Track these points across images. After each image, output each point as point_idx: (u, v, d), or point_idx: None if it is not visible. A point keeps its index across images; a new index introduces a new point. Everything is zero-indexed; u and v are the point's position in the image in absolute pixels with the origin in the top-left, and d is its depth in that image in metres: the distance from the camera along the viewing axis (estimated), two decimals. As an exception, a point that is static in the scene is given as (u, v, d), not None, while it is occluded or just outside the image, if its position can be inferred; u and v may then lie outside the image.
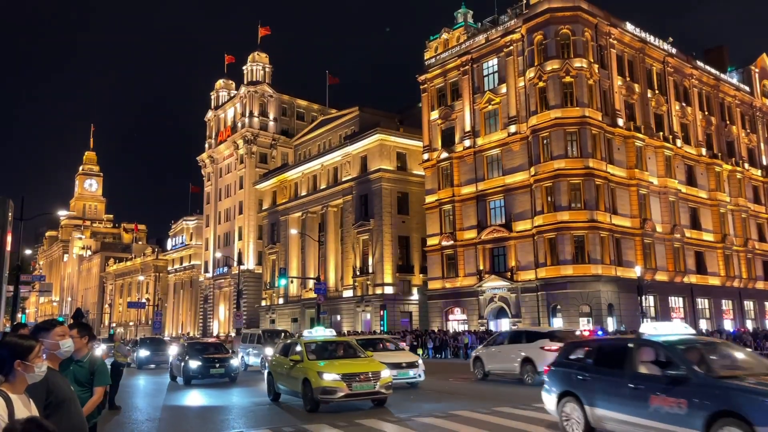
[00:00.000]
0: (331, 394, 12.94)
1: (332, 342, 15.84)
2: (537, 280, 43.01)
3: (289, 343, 16.18)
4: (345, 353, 14.98)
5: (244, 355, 29.00)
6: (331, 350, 15.26)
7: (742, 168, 56.00)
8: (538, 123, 43.54)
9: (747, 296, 53.32)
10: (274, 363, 16.01)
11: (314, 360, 14.05)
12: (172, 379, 23.88)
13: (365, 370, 13.42)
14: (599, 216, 41.78)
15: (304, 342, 14.99)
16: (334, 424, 11.47)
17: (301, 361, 14.02)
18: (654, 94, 49.64)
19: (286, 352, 15.40)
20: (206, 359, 22.29)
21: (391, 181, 57.05)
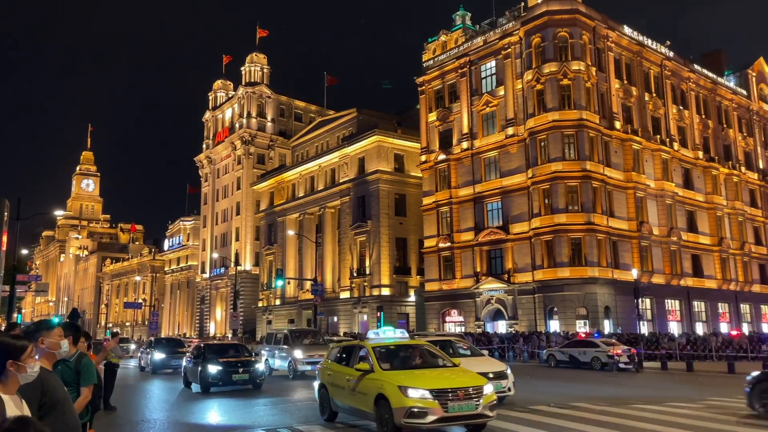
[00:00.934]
0: (419, 418, 9.47)
1: (406, 346, 12.17)
2: (534, 282, 43.00)
3: (349, 346, 12.71)
4: (424, 361, 11.50)
5: (268, 358, 24.71)
6: (406, 357, 11.70)
7: (738, 171, 56.13)
8: (536, 125, 43.57)
9: (743, 299, 53.42)
10: (329, 373, 12.39)
11: (389, 370, 10.71)
12: (186, 385, 20.77)
13: (463, 384, 9.91)
14: (596, 218, 41.81)
15: (371, 346, 11.42)
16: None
17: (370, 372, 10.66)
18: (651, 97, 49.73)
19: (346, 359, 12.15)
20: (227, 363, 19.21)
21: (388, 182, 57.03)
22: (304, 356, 23.15)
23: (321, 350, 22.41)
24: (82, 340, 7.19)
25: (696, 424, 11.01)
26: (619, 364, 25.68)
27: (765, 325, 54.51)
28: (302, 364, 22.96)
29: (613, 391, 17.64)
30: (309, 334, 26.96)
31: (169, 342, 32.29)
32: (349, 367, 11.57)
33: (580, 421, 11.25)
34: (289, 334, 25.32)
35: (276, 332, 27.41)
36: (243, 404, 15.77)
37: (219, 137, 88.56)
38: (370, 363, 10.87)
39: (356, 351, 11.90)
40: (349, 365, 11.64)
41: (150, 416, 14.45)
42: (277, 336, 26.51)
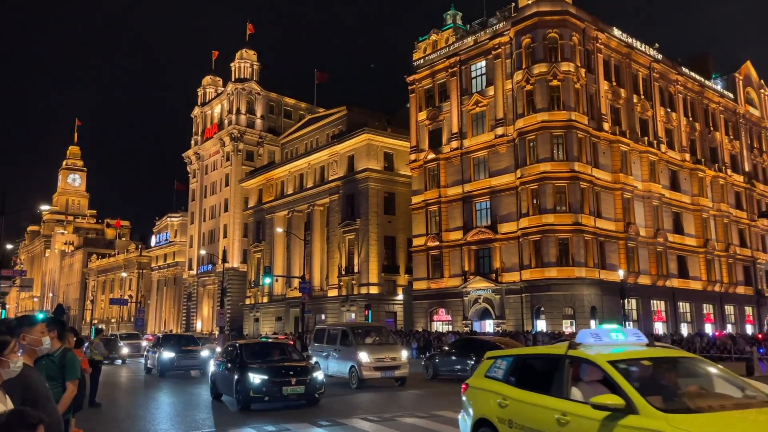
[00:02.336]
0: None
1: (674, 361, 6.57)
2: (521, 281, 43.20)
3: (539, 356, 7.70)
4: (713, 392, 6.16)
5: (318, 361, 18.17)
6: (680, 383, 6.16)
7: (724, 174, 56.72)
8: (525, 126, 43.74)
9: (728, 301, 54.02)
10: (504, 402, 6.93)
11: (668, 411, 5.26)
12: (214, 397, 16.15)
13: None
14: (584, 219, 42.08)
15: (606, 359, 6.06)
16: None
17: (626, 412, 5.38)
18: (639, 99, 50.10)
19: (539, 381, 6.70)
20: (275, 370, 14.38)
21: (378, 181, 57.03)
22: (372, 360, 18.60)
23: (391, 352, 19.21)
24: (71, 336, 7.13)
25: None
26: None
27: (749, 326, 55.14)
28: (370, 370, 18.44)
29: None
30: (372, 331, 21.11)
31: (180, 339, 27.81)
32: (557, 398, 6.27)
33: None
34: (349, 331, 19.98)
35: (329, 328, 21.96)
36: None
37: (208, 133, 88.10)
38: (624, 395, 5.53)
39: (564, 367, 6.45)
40: (553, 393, 6.35)
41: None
42: (331, 332, 21.06)
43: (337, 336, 20.21)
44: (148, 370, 26.08)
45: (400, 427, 11.24)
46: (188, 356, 24.50)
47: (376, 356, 18.73)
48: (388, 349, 19.37)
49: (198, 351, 24.89)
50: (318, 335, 22.18)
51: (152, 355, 25.60)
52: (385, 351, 19.12)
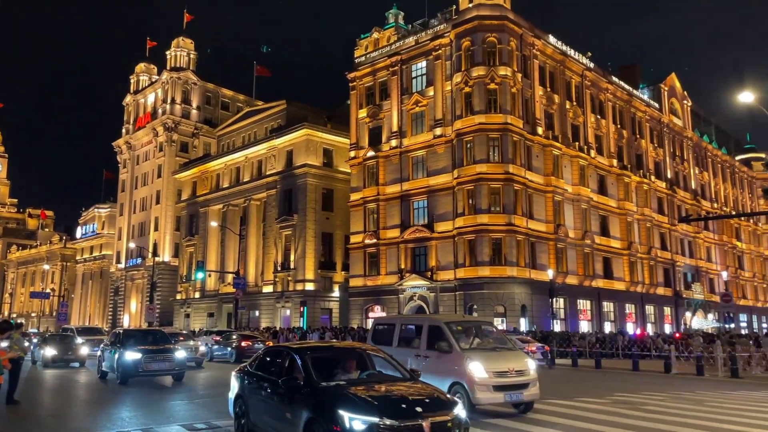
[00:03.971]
0: None
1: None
2: (456, 280, 43.96)
3: None
4: None
5: None
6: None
7: (648, 180, 59.56)
8: (463, 127, 44.49)
9: (648, 301, 56.79)
10: None
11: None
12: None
13: None
14: (516, 220, 43.23)
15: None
16: None
17: None
18: (572, 105, 51.91)
19: None
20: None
21: (316, 177, 56.69)
22: (490, 374, 11.53)
23: (515, 361, 12.05)
24: None
25: (602, 418, 11.62)
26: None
27: (667, 326, 58.18)
28: (487, 390, 11.46)
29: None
30: (474, 329, 13.29)
31: (147, 336, 20.67)
32: None
33: (494, 416, 11.61)
34: (445, 328, 12.42)
35: (402, 322, 14.47)
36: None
37: (140, 122, 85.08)
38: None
39: None
40: None
41: None
42: (406, 329, 13.95)
43: (422, 335, 12.94)
44: (103, 375, 20.02)
45: None
46: (159, 358, 18.19)
47: (496, 368, 11.65)
48: (509, 356, 12.25)
49: (172, 351, 18.65)
50: (380, 334, 14.45)
51: (109, 356, 19.29)
52: (506, 359, 12.03)
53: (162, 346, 19.10)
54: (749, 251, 77.71)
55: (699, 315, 62.27)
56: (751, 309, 74.30)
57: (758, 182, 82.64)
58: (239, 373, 9.94)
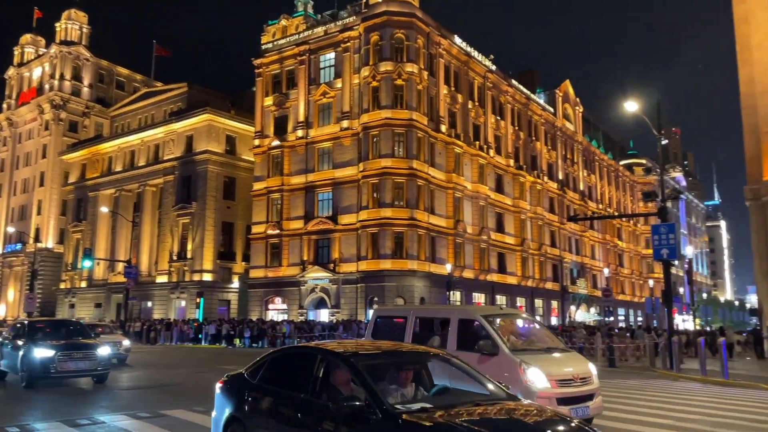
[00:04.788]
0: None
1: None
2: (358, 272, 44.34)
3: None
4: None
5: None
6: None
7: (542, 180, 62.85)
8: (370, 121, 44.84)
9: (538, 295, 60.03)
10: None
11: None
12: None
13: None
14: (418, 215, 44.21)
15: None
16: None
17: None
18: (474, 105, 53.69)
19: None
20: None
21: (218, 164, 55.06)
22: (552, 382, 8.86)
23: (577, 364, 9.54)
24: None
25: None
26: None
27: (554, 318, 61.83)
28: (551, 405, 8.01)
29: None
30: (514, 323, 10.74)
31: (60, 327, 17.22)
32: None
33: None
34: (484, 322, 9.71)
35: (418, 313, 11.63)
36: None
37: (24, 98, 78.70)
38: None
39: None
40: None
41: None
42: (420, 322, 11.23)
43: (449, 332, 10.13)
44: (2, 375, 16.29)
45: None
46: (77, 356, 14.77)
47: (559, 375, 8.96)
48: (568, 359, 9.69)
49: (93, 347, 15.16)
50: (383, 329, 11.38)
51: (9, 353, 15.61)
52: (566, 363, 9.46)
53: (80, 340, 15.54)
54: (629, 250, 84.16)
55: (583, 308, 66.66)
56: (628, 303, 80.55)
57: (639, 186, 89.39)
58: (231, 384, 6.91)
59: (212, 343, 39.51)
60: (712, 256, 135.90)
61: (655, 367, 23.69)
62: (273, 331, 38.15)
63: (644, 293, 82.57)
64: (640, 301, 77.46)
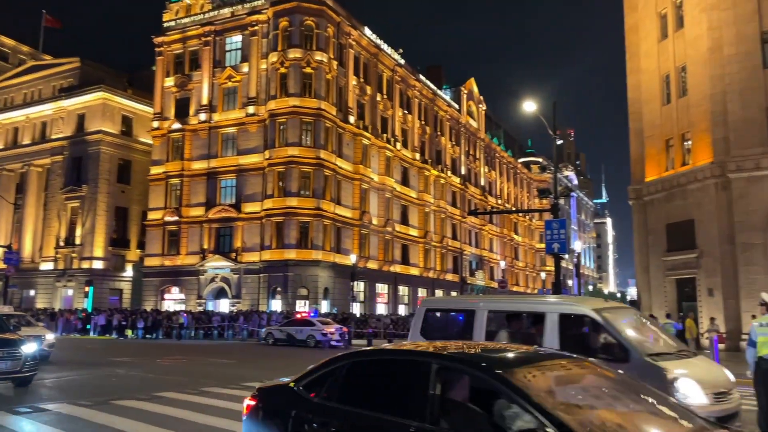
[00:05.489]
0: None
1: None
2: (261, 262, 43.60)
3: None
4: None
5: None
6: None
7: (445, 175, 64.48)
8: (277, 108, 44.05)
9: (438, 286, 61.64)
10: None
11: None
12: None
13: None
14: (325, 205, 44.04)
15: None
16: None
17: None
18: (382, 98, 54.08)
19: None
20: None
21: (112, 145, 52.06)
22: (711, 397, 6.67)
23: (719, 373, 7.50)
24: None
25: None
26: (331, 342, 27.52)
27: (453, 308, 63.69)
28: None
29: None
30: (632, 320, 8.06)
31: None
32: None
33: None
34: (599, 318, 7.43)
35: (488, 304, 8.66)
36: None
37: None
38: None
39: None
40: None
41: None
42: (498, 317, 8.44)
43: (545, 332, 7.72)
44: None
45: None
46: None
47: (713, 385, 6.96)
48: (707, 366, 7.75)
49: (17, 344, 12.37)
50: (437, 325, 9.34)
51: None
52: (711, 369, 7.65)
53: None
54: (524, 244, 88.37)
55: (480, 299, 69.19)
56: (522, 295, 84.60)
57: (535, 183, 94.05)
58: (273, 403, 4.86)
59: (101, 334, 37.43)
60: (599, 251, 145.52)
61: (544, 354, 24.96)
62: (169, 322, 36.72)
63: (537, 285, 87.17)
64: (533, 292, 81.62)
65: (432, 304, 10.41)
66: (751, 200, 24.86)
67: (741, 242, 24.92)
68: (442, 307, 10.00)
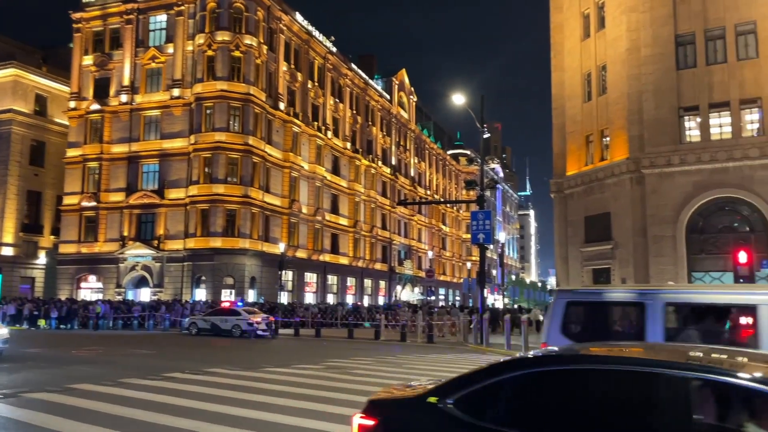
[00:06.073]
0: None
1: None
2: (185, 250, 42.50)
3: None
4: None
5: None
6: None
7: (376, 165, 64.71)
8: (204, 92, 42.83)
9: (367, 275, 62.05)
10: None
11: None
12: None
13: None
14: (253, 192, 43.28)
15: None
16: None
17: None
18: (314, 85, 53.53)
19: None
20: None
21: (24, 125, 48.97)
22: None
23: None
24: None
25: (313, 382, 12.38)
26: (257, 332, 27.18)
27: (381, 297, 64.36)
28: None
29: (249, 356, 18.58)
30: None
31: None
32: None
33: (213, 386, 11.52)
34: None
35: (673, 295, 7.24)
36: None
37: None
38: None
39: None
40: None
41: None
42: (687, 309, 7.05)
43: (756, 326, 6.21)
44: None
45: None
46: None
47: None
48: None
49: None
50: (586, 320, 8.01)
51: None
52: None
53: None
54: (451, 234, 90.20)
55: (408, 288, 70.22)
56: (448, 284, 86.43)
57: (463, 175, 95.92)
58: (410, 427, 3.56)
59: (11, 324, 35.27)
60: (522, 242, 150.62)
61: (467, 342, 25.71)
62: (85, 312, 35.12)
63: (463, 274, 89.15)
64: (459, 281, 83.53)
65: (575, 296, 8.47)
66: (663, 195, 26.40)
67: (652, 235, 26.44)
68: (592, 300, 8.10)
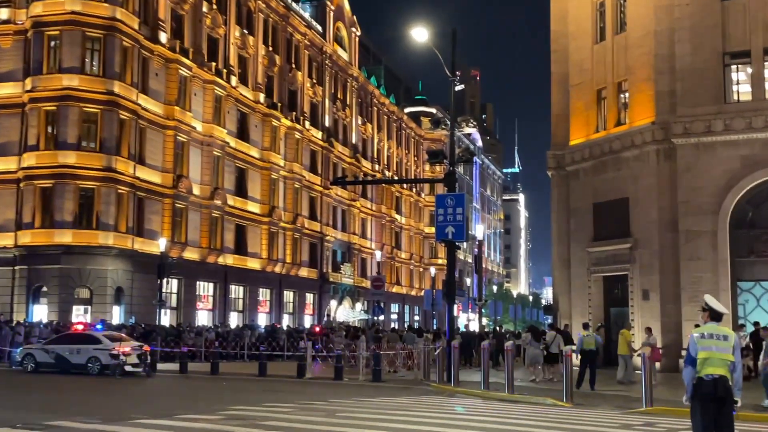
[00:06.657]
0: None
1: None
2: (17, 248, 41.92)
3: None
4: None
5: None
6: None
7: (302, 126, 64.35)
8: (46, 14, 42.09)
9: (288, 285, 61.78)
10: None
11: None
12: None
13: None
14: (120, 164, 42.48)
15: None
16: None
17: None
18: (211, 10, 52.57)
19: None
20: None
21: None
22: None
23: None
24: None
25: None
26: (125, 367, 26.54)
27: (308, 316, 64.21)
28: None
29: (114, 402, 18.15)
30: None
31: None
32: None
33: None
34: None
35: None
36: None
37: None
38: None
39: None
40: None
41: None
42: None
43: None
44: None
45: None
46: None
47: None
48: None
49: None
50: None
51: None
52: None
53: None
54: (409, 227, 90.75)
55: (347, 303, 70.41)
56: (404, 297, 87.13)
57: (426, 143, 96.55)
58: None
59: None
60: (508, 239, 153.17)
61: (428, 380, 25.79)
62: None
63: (425, 285, 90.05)
64: (419, 294, 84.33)
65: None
66: (700, 175, 27.04)
67: (685, 229, 27.08)
68: None
